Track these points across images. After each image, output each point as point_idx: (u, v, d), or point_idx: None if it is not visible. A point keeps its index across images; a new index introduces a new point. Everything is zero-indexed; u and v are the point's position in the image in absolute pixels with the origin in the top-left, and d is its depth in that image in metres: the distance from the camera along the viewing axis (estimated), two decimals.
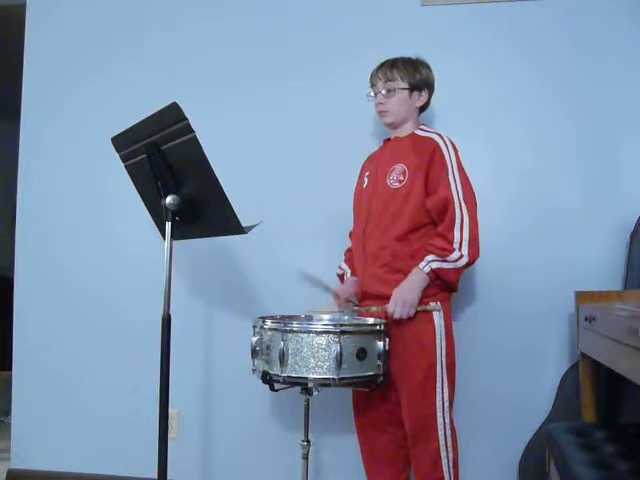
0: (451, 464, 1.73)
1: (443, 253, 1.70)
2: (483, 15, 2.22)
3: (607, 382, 1.88)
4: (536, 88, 2.18)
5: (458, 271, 1.73)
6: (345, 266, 2.02)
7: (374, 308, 1.77)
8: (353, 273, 1.96)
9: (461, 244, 1.71)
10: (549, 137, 2.17)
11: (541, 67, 2.18)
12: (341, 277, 2.02)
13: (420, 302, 1.73)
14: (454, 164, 1.78)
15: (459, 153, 1.82)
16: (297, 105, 2.34)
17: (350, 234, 2.04)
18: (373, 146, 2.10)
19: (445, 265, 1.70)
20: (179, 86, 2.35)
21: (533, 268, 2.12)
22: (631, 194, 2.09)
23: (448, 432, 1.74)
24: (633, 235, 2.01)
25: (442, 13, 2.25)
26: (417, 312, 1.73)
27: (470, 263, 1.73)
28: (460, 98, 2.19)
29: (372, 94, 1.93)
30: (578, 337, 1.87)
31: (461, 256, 1.70)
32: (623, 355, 1.29)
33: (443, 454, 1.72)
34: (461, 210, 1.73)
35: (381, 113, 1.91)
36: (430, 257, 1.71)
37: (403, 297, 1.70)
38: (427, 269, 1.70)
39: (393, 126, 1.93)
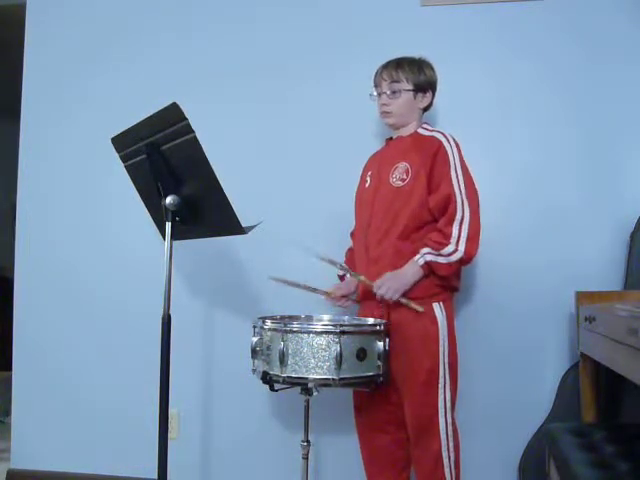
0: (453, 465, 1.73)
1: (438, 246, 1.70)
2: (483, 15, 2.22)
3: (607, 382, 1.89)
4: (536, 88, 2.18)
5: (451, 266, 1.71)
6: (345, 266, 2.01)
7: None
8: None
9: (458, 240, 1.70)
10: (549, 137, 2.17)
11: (541, 67, 2.18)
12: (342, 278, 2.01)
13: (420, 299, 1.73)
14: (457, 162, 1.78)
15: (462, 152, 1.82)
16: (298, 105, 2.34)
17: (351, 234, 2.04)
18: (375, 146, 2.10)
19: (439, 259, 1.70)
20: (179, 86, 2.35)
21: (533, 268, 2.12)
22: (631, 194, 2.09)
23: (450, 433, 1.73)
24: (633, 235, 2.01)
25: (442, 13, 2.25)
26: (419, 313, 1.72)
27: (465, 260, 1.72)
28: (460, 98, 2.19)
29: (375, 94, 1.92)
30: (578, 337, 1.88)
31: (455, 250, 1.69)
32: (623, 355, 1.29)
33: (445, 455, 1.72)
34: (462, 207, 1.72)
35: (384, 114, 1.90)
36: (425, 250, 1.71)
37: (389, 279, 1.72)
38: (421, 261, 1.70)
39: (395, 127, 1.93)
